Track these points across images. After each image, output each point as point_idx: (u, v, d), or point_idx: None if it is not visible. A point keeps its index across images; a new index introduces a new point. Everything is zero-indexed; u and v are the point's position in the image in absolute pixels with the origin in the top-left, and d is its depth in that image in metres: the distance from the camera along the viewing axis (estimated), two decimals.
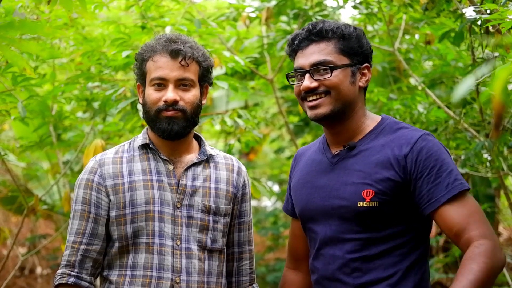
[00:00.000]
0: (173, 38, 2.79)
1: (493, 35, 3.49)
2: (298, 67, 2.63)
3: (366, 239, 2.51)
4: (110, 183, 2.76)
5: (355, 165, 2.56)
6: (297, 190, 2.78)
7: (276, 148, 9.52)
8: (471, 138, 4.54)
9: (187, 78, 2.73)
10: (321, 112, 2.56)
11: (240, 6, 5.67)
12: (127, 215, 2.73)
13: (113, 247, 2.74)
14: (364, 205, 2.49)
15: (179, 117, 2.71)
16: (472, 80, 1.45)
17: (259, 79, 6.62)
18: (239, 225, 2.98)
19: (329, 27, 2.59)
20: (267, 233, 9.59)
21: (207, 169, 2.88)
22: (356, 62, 2.60)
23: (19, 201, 6.56)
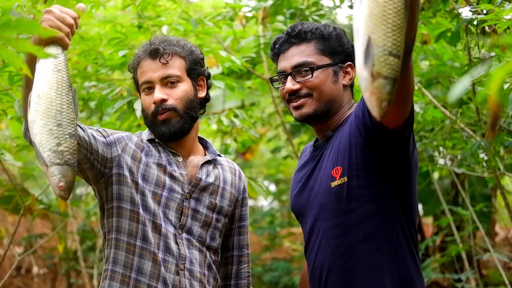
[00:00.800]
0: (153, 40, 2.84)
1: (489, 35, 3.50)
2: (280, 70, 2.68)
3: (346, 223, 2.51)
4: (130, 153, 2.76)
5: (329, 152, 2.59)
6: (291, 186, 2.85)
7: (273, 147, 9.53)
8: (468, 138, 4.55)
9: (171, 75, 2.75)
10: (305, 111, 2.60)
11: (236, 5, 5.67)
12: (139, 185, 2.72)
13: (122, 209, 2.70)
14: (336, 184, 2.51)
15: (172, 117, 2.74)
16: (468, 80, 1.45)
17: (256, 79, 6.61)
18: (239, 228, 3.02)
19: (308, 28, 2.63)
20: (264, 233, 9.61)
21: (216, 169, 2.91)
22: (338, 61, 2.62)
23: (15, 201, 6.54)
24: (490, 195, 7.26)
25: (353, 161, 2.47)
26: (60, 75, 2.21)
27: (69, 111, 2.19)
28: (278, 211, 10.75)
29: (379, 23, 1.71)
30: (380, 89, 1.73)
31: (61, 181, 2.19)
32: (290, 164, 9.91)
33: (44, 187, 6.87)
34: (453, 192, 7.28)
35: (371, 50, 1.71)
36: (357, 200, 2.48)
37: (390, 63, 1.72)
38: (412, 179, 2.53)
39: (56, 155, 2.17)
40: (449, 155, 5.60)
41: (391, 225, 2.49)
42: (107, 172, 2.70)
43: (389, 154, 2.41)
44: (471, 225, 6.23)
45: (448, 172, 6.79)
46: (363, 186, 2.47)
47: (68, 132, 2.18)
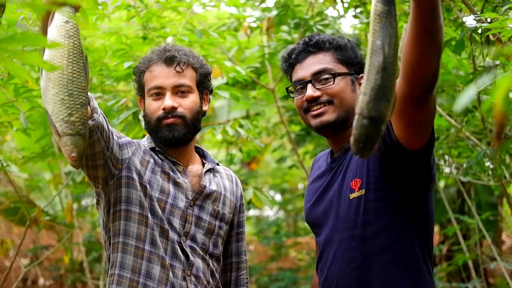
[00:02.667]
0: (167, 47, 2.82)
1: (494, 44, 3.50)
2: (298, 79, 2.64)
3: (361, 235, 2.49)
4: (139, 158, 2.76)
5: (348, 164, 2.58)
6: (306, 197, 2.83)
7: (278, 157, 9.52)
8: (473, 146, 4.54)
9: (183, 84, 2.75)
10: (326, 119, 2.57)
11: (241, 16, 5.68)
12: (147, 189, 2.72)
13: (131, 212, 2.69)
14: (354, 195, 2.50)
15: (179, 123, 2.73)
16: (474, 90, 1.45)
17: (261, 89, 6.62)
18: (237, 235, 3.03)
19: (325, 38, 2.64)
20: (270, 243, 9.59)
21: (215, 177, 2.92)
22: (353, 71, 2.62)
23: (21, 212, 6.56)
24: (496, 204, 7.24)
25: (371, 173, 2.46)
26: (71, 42, 2.20)
27: (80, 79, 2.19)
28: (284, 221, 10.75)
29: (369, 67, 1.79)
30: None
31: (73, 151, 2.22)
32: (295, 174, 9.91)
33: (50, 198, 6.88)
34: (459, 201, 7.26)
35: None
36: (374, 213, 2.47)
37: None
38: (430, 191, 2.52)
39: (68, 125, 2.19)
40: (455, 163, 5.59)
41: (408, 237, 2.47)
42: (117, 173, 2.68)
43: (408, 170, 2.40)
44: (478, 234, 6.21)
45: (454, 181, 6.77)
46: (381, 198, 2.46)
47: (80, 102, 2.20)
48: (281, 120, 6.64)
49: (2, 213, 7.27)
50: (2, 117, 4.17)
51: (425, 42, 1.93)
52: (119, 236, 2.70)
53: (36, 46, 1.93)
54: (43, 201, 7.34)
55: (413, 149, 2.29)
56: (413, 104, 2.13)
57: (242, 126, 5.13)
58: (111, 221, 2.73)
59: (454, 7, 4.00)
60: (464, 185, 6.50)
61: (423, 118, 2.19)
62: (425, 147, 2.31)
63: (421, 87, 2.06)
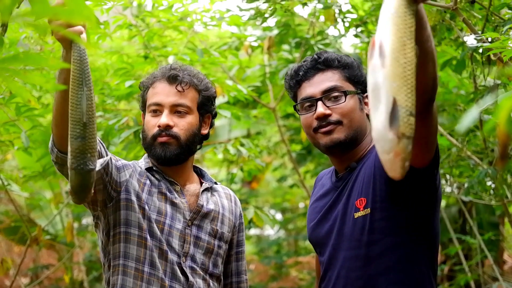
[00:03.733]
0: (174, 65, 2.82)
1: (495, 64, 3.50)
2: (307, 97, 2.62)
3: (367, 255, 2.48)
4: (135, 180, 2.75)
5: (354, 183, 2.57)
6: (308, 216, 2.81)
7: (279, 176, 9.50)
8: (474, 165, 4.53)
9: (182, 104, 2.74)
10: (336, 137, 2.55)
11: (242, 35, 5.70)
12: (145, 211, 2.70)
13: (130, 234, 2.68)
14: (360, 214, 2.48)
15: (172, 143, 2.72)
16: (476, 112, 1.45)
17: (262, 108, 6.63)
18: (237, 254, 3.02)
19: (334, 56, 2.63)
20: (270, 262, 9.55)
21: (213, 196, 2.91)
22: (360, 90, 2.62)
23: (22, 231, 6.55)
24: (498, 223, 7.22)
25: (377, 193, 2.44)
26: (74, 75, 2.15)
27: (76, 111, 2.12)
28: (285, 240, 10.70)
29: (402, 84, 1.70)
30: (404, 149, 1.72)
31: (68, 185, 2.20)
32: (296, 193, 9.88)
33: (50, 217, 6.86)
34: (460, 220, 7.24)
35: (397, 111, 1.71)
36: (380, 232, 2.45)
37: (411, 123, 1.71)
38: (436, 212, 2.51)
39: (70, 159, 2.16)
40: (456, 183, 5.58)
41: (413, 257, 2.46)
42: (115, 196, 2.68)
43: (414, 189, 2.39)
44: (479, 254, 6.18)
45: (455, 200, 6.75)
46: (386, 218, 2.45)
47: (73, 135, 2.14)
48: (282, 139, 6.64)
49: (3, 232, 7.26)
50: (4, 136, 4.17)
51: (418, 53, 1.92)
52: (119, 259, 2.69)
53: (38, 66, 1.94)
54: (43, 220, 7.33)
55: (419, 166, 2.26)
56: (418, 118, 2.11)
57: (243, 145, 5.13)
58: (110, 243, 2.72)
59: (455, 27, 4.01)
60: (466, 205, 6.48)
61: (427, 133, 2.17)
62: (430, 165, 2.30)
63: (423, 99, 2.04)
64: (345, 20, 5.10)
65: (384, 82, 1.72)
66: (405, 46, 1.73)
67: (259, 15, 4.06)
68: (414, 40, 1.74)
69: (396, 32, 1.74)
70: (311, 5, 5.00)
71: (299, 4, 4.44)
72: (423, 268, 2.47)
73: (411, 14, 1.77)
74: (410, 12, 1.77)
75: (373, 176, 2.46)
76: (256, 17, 4.17)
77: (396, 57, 1.72)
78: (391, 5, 1.79)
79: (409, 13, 1.77)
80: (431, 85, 2.03)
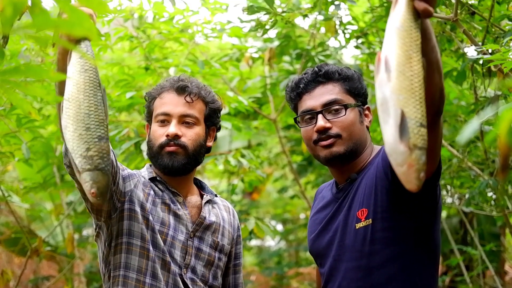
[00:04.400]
0: (182, 77, 2.84)
1: (495, 75, 3.50)
2: (307, 109, 2.63)
3: (367, 265, 2.48)
4: (140, 190, 2.74)
5: (355, 194, 2.57)
6: (309, 228, 2.81)
7: (280, 187, 9.50)
8: (475, 176, 4.53)
9: (191, 114, 2.75)
10: (336, 150, 2.56)
11: (242, 47, 5.71)
12: (149, 221, 2.69)
13: (132, 244, 2.67)
14: (361, 225, 2.48)
15: (180, 153, 2.72)
16: (477, 123, 1.45)
17: (262, 119, 6.64)
18: (235, 267, 3.02)
19: (334, 69, 2.63)
20: (271, 273, 9.53)
21: (214, 208, 2.91)
22: (360, 102, 2.62)
23: (22, 243, 6.54)
24: (499, 234, 7.20)
25: (379, 203, 2.45)
26: (87, 76, 2.18)
27: (97, 112, 2.16)
28: (286, 251, 10.68)
29: (409, 96, 1.73)
30: (417, 160, 1.74)
31: (93, 187, 2.16)
32: (297, 204, 9.87)
33: (51, 228, 6.86)
34: (461, 231, 7.22)
35: (406, 123, 1.73)
36: (381, 243, 2.45)
37: (422, 134, 1.73)
38: (437, 222, 2.51)
39: (86, 160, 2.14)
40: (457, 193, 5.58)
41: (415, 268, 2.45)
42: (119, 206, 2.67)
43: (416, 199, 2.38)
44: (481, 265, 6.17)
45: (456, 211, 6.75)
46: (388, 228, 2.45)
47: (97, 135, 2.15)
48: (283, 150, 6.64)
49: (3, 243, 7.25)
50: (4, 147, 4.18)
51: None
52: (120, 269, 2.68)
53: (39, 78, 1.94)
54: (44, 231, 7.32)
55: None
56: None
57: (244, 156, 5.13)
58: (112, 254, 2.71)
59: (456, 38, 4.02)
60: (467, 216, 6.47)
61: (433, 145, 2.17)
62: (433, 176, 2.30)
63: (430, 111, 2.05)
64: (345, 32, 5.11)
65: (392, 96, 1.74)
66: (411, 59, 1.74)
67: (260, 26, 4.06)
68: (420, 53, 1.76)
69: (402, 46, 1.77)
70: (312, 17, 5.01)
71: (300, 15, 4.45)
72: (424, 279, 2.47)
73: (416, 27, 1.79)
74: (415, 26, 1.79)
75: (375, 187, 2.46)
76: (257, 29, 4.18)
77: (402, 70, 1.74)
78: (397, 19, 1.81)
79: (415, 26, 1.79)
80: (438, 96, 2.03)
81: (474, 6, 3.66)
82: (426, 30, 1.88)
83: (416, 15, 1.80)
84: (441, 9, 3.77)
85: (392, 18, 1.82)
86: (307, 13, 4.30)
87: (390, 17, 1.83)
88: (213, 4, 4.57)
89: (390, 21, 1.82)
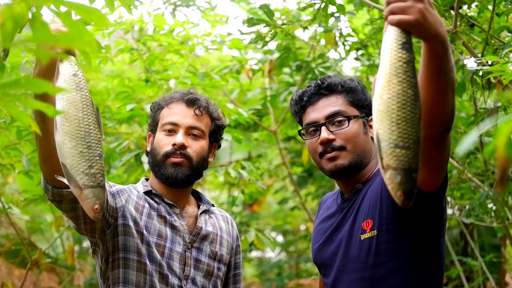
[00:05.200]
0: (191, 90, 2.87)
1: (495, 86, 3.51)
2: (311, 122, 2.63)
3: (372, 277, 2.46)
4: (132, 205, 2.74)
5: (360, 204, 2.56)
6: (313, 237, 2.80)
7: (280, 199, 9.50)
8: (476, 188, 4.53)
9: (198, 127, 2.77)
10: (341, 163, 2.55)
11: (243, 59, 5.72)
12: (144, 235, 2.69)
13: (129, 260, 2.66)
14: (366, 236, 2.47)
15: (184, 164, 2.73)
16: (476, 134, 1.46)
17: (263, 131, 6.64)
18: (235, 277, 3.01)
19: (337, 81, 2.63)
20: (272, 285, 9.51)
21: (211, 218, 2.91)
22: (364, 114, 2.62)
23: (22, 254, 6.53)
24: (500, 245, 7.20)
25: (384, 215, 2.44)
26: (83, 94, 2.20)
27: (95, 131, 2.19)
28: (286, 263, 10.67)
29: (384, 118, 1.77)
30: (391, 180, 1.79)
31: (96, 203, 2.19)
32: (297, 215, 9.87)
33: (51, 240, 6.85)
34: (462, 243, 7.22)
35: (379, 144, 1.78)
36: (386, 254, 2.44)
37: (397, 155, 1.76)
38: (442, 234, 2.50)
39: (89, 177, 2.17)
40: (457, 205, 5.58)
41: (419, 280, 2.44)
42: (113, 222, 2.66)
43: (422, 212, 2.38)
44: (481, 276, 6.16)
45: (457, 222, 6.74)
46: (392, 240, 2.44)
47: (98, 153, 2.18)
48: (283, 162, 6.64)
49: (3, 255, 7.24)
50: (5, 159, 4.18)
51: (440, 82, 1.94)
52: (119, 285, 2.67)
53: (40, 91, 1.94)
54: (44, 243, 7.32)
55: (429, 191, 2.26)
56: (434, 145, 2.11)
57: (244, 168, 5.13)
58: (110, 269, 2.70)
59: (455, 50, 4.03)
60: (467, 227, 6.47)
61: (440, 159, 2.18)
62: (439, 189, 2.30)
63: (441, 127, 2.06)
64: (345, 44, 5.12)
65: (373, 119, 1.82)
66: (389, 82, 1.77)
67: (260, 38, 4.07)
68: (406, 73, 1.78)
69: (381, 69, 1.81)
70: (312, 29, 5.03)
71: (300, 27, 4.46)
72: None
73: (398, 48, 1.80)
74: (397, 47, 1.80)
75: (380, 199, 2.46)
76: (257, 41, 4.18)
77: (380, 93, 1.79)
78: (384, 40, 1.83)
79: (395, 48, 1.80)
80: (449, 115, 2.05)
81: (473, 18, 3.67)
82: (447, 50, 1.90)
83: (403, 32, 1.81)
84: None
85: (384, 38, 1.85)
86: (307, 25, 4.32)
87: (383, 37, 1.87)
88: (213, 17, 4.58)
89: (383, 41, 1.86)
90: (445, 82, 1.94)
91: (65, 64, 2.22)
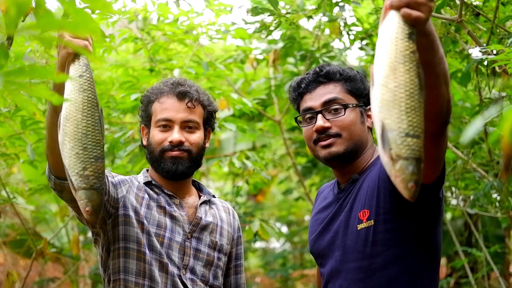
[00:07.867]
0: (180, 81, 2.84)
1: (500, 76, 3.50)
2: (307, 108, 2.63)
3: (369, 267, 2.47)
4: (133, 195, 2.76)
5: (356, 194, 2.56)
6: (310, 228, 2.80)
7: (284, 189, 9.50)
8: (480, 178, 4.53)
9: (192, 120, 2.77)
10: (335, 150, 2.55)
11: (247, 48, 5.71)
12: (144, 225, 2.71)
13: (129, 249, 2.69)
14: (362, 226, 2.47)
15: (184, 157, 2.74)
16: (480, 123, 1.45)
17: (267, 121, 6.64)
18: (236, 267, 3.02)
19: (336, 69, 2.63)
20: (276, 275, 9.53)
21: (212, 209, 2.91)
22: (362, 103, 2.61)
23: (27, 244, 6.55)
24: (504, 236, 7.20)
25: (381, 205, 2.44)
26: (85, 95, 2.20)
27: (94, 133, 2.20)
28: (290, 253, 10.68)
29: (392, 107, 1.74)
30: (402, 171, 1.75)
31: (88, 205, 2.21)
32: (301, 206, 9.87)
33: (56, 230, 6.87)
34: (466, 233, 7.22)
35: (386, 134, 1.74)
36: (383, 244, 2.45)
37: (409, 144, 1.74)
38: (439, 224, 2.50)
39: (82, 179, 2.18)
40: (462, 195, 5.57)
41: (416, 269, 2.45)
42: (113, 212, 2.69)
43: (419, 203, 2.38)
44: (486, 267, 6.16)
45: (461, 213, 6.74)
46: (390, 230, 2.44)
47: (94, 156, 2.19)
48: (288, 152, 6.64)
49: (9, 245, 7.26)
50: (9, 149, 4.18)
51: (430, 75, 1.92)
52: (119, 273, 2.70)
53: (44, 79, 1.94)
54: (49, 233, 7.33)
55: (426, 183, 2.23)
56: (432, 139, 2.09)
57: (249, 158, 5.13)
58: (110, 258, 2.73)
59: (460, 39, 4.02)
60: (471, 217, 6.47)
61: (438, 153, 2.18)
62: (437, 180, 2.30)
63: (438, 121, 2.04)
64: (350, 33, 5.11)
65: (374, 109, 1.78)
66: (395, 70, 1.75)
67: (264, 28, 4.06)
68: (412, 62, 1.76)
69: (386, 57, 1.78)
70: (316, 18, 5.01)
71: (304, 17, 4.45)
72: (425, 280, 2.46)
73: (405, 37, 1.78)
74: (403, 36, 1.78)
75: (377, 189, 2.45)
76: (261, 30, 4.18)
77: (385, 83, 1.76)
78: (383, 30, 1.81)
79: (402, 37, 1.78)
80: (445, 108, 2.03)
81: (478, 7, 3.66)
82: (433, 42, 1.89)
83: (408, 24, 1.80)
84: (445, 10, 3.77)
85: (380, 29, 1.83)
86: (311, 14, 4.30)
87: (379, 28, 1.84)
88: (217, 6, 4.57)
89: (379, 32, 1.83)
90: (435, 75, 1.93)
91: (74, 65, 2.24)
